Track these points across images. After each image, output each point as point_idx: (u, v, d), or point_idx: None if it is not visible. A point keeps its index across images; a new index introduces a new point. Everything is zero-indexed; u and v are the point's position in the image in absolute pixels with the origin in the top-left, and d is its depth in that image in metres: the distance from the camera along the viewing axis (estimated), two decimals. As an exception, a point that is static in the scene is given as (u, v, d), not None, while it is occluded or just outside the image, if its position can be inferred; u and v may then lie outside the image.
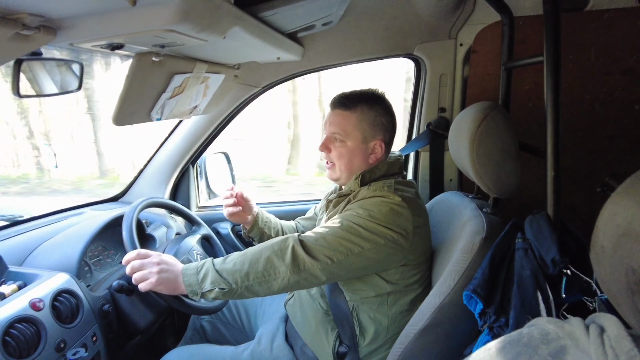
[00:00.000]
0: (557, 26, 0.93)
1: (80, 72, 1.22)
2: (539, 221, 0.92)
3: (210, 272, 1.05)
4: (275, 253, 1.04)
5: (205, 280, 1.04)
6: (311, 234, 1.08)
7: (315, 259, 1.02)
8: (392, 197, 1.09)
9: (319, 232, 1.07)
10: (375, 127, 1.19)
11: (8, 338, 0.90)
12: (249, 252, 1.07)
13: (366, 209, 1.08)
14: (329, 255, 1.03)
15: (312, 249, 1.04)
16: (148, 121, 1.25)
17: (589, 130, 1.47)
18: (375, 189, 1.14)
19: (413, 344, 1.03)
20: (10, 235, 1.33)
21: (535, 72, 1.42)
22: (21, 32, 0.67)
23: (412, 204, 1.10)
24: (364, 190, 1.16)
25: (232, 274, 1.04)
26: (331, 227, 1.07)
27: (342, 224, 1.06)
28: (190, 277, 1.05)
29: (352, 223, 1.06)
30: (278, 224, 1.50)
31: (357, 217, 1.07)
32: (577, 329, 0.49)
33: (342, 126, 1.19)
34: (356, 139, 1.19)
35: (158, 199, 1.44)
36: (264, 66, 1.64)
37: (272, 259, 1.03)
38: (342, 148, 1.20)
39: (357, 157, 1.20)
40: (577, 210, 1.43)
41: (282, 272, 1.03)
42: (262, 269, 1.03)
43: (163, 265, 1.07)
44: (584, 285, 0.82)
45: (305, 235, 1.08)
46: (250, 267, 1.04)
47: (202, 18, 0.78)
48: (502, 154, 1.02)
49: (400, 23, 1.51)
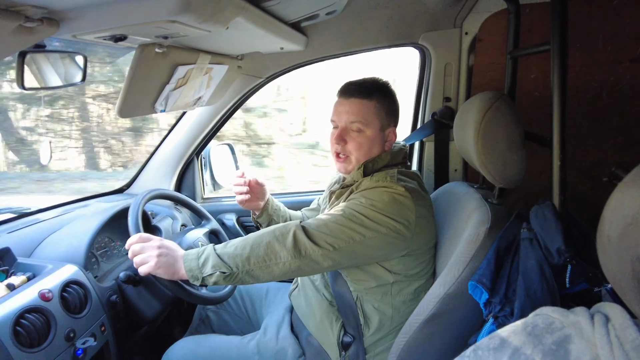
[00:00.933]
0: (564, 14, 0.92)
1: (84, 64, 1.22)
2: (545, 211, 0.92)
3: (211, 256, 1.05)
4: (276, 238, 1.05)
5: (206, 264, 1.05)
6: (314, 221, 1.08)
7: (316, 245, 1.03)
8: (394, 187, 1.09)
9: (322, 219, 1.08)
10: (390, 114, 1.20)
11: (19, 328, 0.91)
12: (250, 237, 1.08)
13: (369, 198, 1.08)
14: (330, 242, 1.03)
15: (314, 235, 1.04)
16: (152, 113, 1.26)
17: (596, 119, 1.45)
18: (378, 179, 1.13)
19: (418, 334, 1.04)
20: (18, 227, 1.34)
21: (541, 61, 1.41)
22: (24, 25, 0.67)
23: (414, 193, 1.10)
24: (366, 180, 1.16)
25: (233, 258, 1.04)
26: (334, 215, 1.07)
27: (344, 212, 1.06)
28: (190, 262, 1.06)
29: (355, 211, 1.06)
30: (287, 212, 1.51)
31: (360, 205, 1.07)
32: (582, 318, 0.49)
33: (363, 114, 1.17)
34: (375, 127, 1.18)
35: (163, 191, 1.45)
36: (268, 57, 1.64)
37: (274, 244, 1.04)
38: (361, 137, 1.18)
39: (376, 146, 1.20)
40: (583, 200, 1.42)
41: (283, 257, 1.03)
42: (264, 253, 1.04)
43: (163, 249, 1.07)
44: (589, 275, 0.82)
45: (307, 222, 1.08)
46: (251, 251, 1.04)
47: (205, 8, 0.78)
48: (508, 144, 1.01)
49: (405, 12, 1.50)
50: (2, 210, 1.45)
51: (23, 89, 1.06)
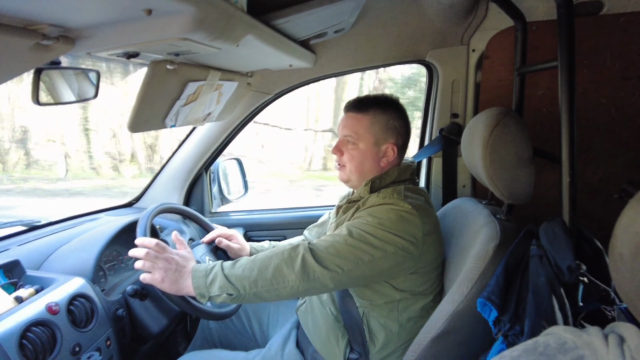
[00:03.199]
0: (571, 31, 0.92)
1: (97, 80, 1.25)
2: (554, 228, 0.91)
3: (219, 276, 1.05)
4: (284, 261, 1.03)
5: (214, 284, 1.04)
6: (321, 242, 1.07)
7: (325, 268, 1.02)
8: (401, 205, 1.08)
9: (329, 240, 1.07)
10: (388, 130, 1.20)
11: (25, 341, 0.91)
12: (258, 258, 1.07)
13: (375, 216, 1.07)
14: (339, 264, 1.02)
15: (322, 258, 1.03)
16: (162, 128, 1.28)
17: (605, 136, 1.44)
18: (385, 196, 1.13)
19: (426, 352, 1.02)
20: (28, 240, 1.36)
21: (549, 77, 1.41)
22: (41, 42, 0.69)
23: (421, 210, 1.09)
24: (373, 197, 1.16)
25: (241, 280, 1.03)
26: (341, 235, 1.06)
27: (351, 232, 1.06)
28: (198, 280, 1.06)
29: (362, 231, 1.05)
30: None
31: (367, 225, 1.06)
32: (596, 339, 0.48)
33: (355, 128, 1.20)
34: (368, 142, 1.19)
35: (172, 205, 1.45)
36: (277, 73, 1.66)
37: (282, 267, 1.03)
38: (354, 150, 1.21)
39: (369, 159, 1.21)
40: (593, 217, 1.40)
41: (291, 281, 1.02)
42: (271, 276, 1.03)
43: (172, 265, 1.08)
44: (602, 294, 0.81)
45: (315, 244, 1.07)
46: (259, 274, 1.03)
47: (216, 26, 0.80)
48: (516, 160, 1.01)
49: (412, 29, 1.52)
50: (13, 222, 1.46)
51: (38, 104, 1.08)
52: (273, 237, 1.88)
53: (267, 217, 1.98)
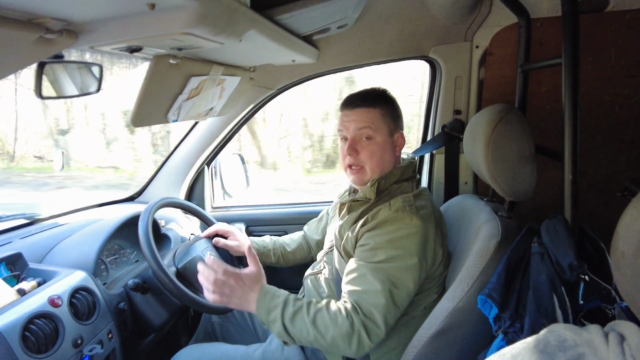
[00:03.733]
0: (576, 28, 0.92)
1: (99, 74, 1.25)
2: (556, 225, 0.90)
3: (278, 324, 1.06)
4: (342, 336, 1.02)
5: (273, 326, 1.07)
6: (375, 311, 1.03)
7: (378, 337, 1.04)
8: (414, 222, 1.08)
9: (382, 305, 1.03)
10: (395, 119, 1.23)
11: (27, 333, 0.92)
12: (317, 321, 1.05)
13: (399, 247, 1.06)
14: (389, 322, 1.04)
15: (378, 335, 1.04)
16: (165, 122, 1.27)
17: (608, 134, 1.44)
18: (397, 209, 1.11)
19: (426, 348, 1.03)
20: (30, 233, 1.36)
21: (553, 74, 1.40)
22: (45, 36, 0.69)
23: (431, 223, 1.11)
24: (384, 209, 1.12)
25: (298, 337, 1.06)
26: (387, 295, 1.04)
27: (395, 285, 1.05)
28: (261, 314, 1.08)
29: (397, 277, 1.05)
30: (277, 248, 1.55)
31: (397, 267, 1.06)
32: (596, 337, 0.48)
33: (371, 120, 1.19)
34: (384, 133, 1.20)
35: (173, 199, 1.46)
36: (279, 69, 1.66)
37: (337, 341, 1.03)
38: (372, 145, 1.19)
39: (387, 151, 1.21)
40: (595, 215, 1.40)
41: (344, 351, 1.05)
42: (327, 344, 1.04)
43: (238, 292, 1.11)
44: (602, 292, 0.81)
45: (371, 317, 1.03)
46: (315, 340, 1.04)
47: (219, 21, 0.80)
48: (518, 157, 1.01)
49: (416, 25, 1.51)
50: (16, 216, 1.47)
51: (41, 98, 1.09)
52: (274, 232, 1.88)
53: (268, 212, 1.98)
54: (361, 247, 1.11)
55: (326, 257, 1.34)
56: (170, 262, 1.30)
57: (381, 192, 1.19)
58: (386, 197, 1.18)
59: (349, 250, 1.17)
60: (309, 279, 1.37)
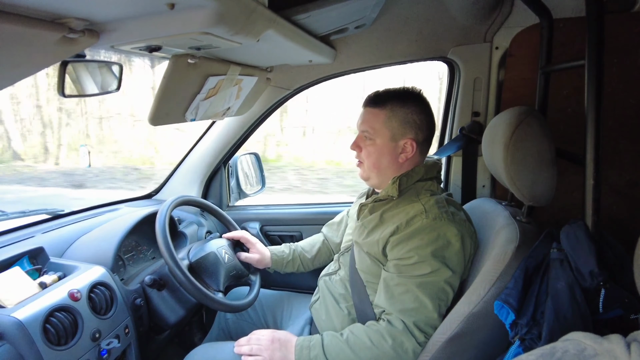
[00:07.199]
0: (600, 28, 0.89)
1: (119, 73, 1.27)
2: (576, 231, 0.88)
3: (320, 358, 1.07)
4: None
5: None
6: (427, 329, 1.06)
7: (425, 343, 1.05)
8: (453, 230, 1.07)
9: (433, 320, 1.06)
10: (406, 124, 1.17)
11: (48, 326, 0.94)
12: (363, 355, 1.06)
13: (441, 258, 1.06)
14: (432, 325, 1.06)
15: (423, 343, 1.05)
16: (183, 121, 1.29)
17: (633, 138, 1.39)
18: (435, 217, 1.09)
19: (440, 353, 1.01)
20: (52, 228, 1.40)
21: (575, 76, 1.37)
22: (68, 36, 0.71)
23: (469, 232, 1.11)
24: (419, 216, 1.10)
25: None
26: (437, 309, 1.06)
27: (441, 298, 1.07)
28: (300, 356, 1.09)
29: (444, 290, 1.07)
30: (297, 257, 1.55)
31: (445, 281, 1.06)
32: (617, 347, 0.46)
33: (371, 123, 1.18)
34: (384, 137, 1.17)
35: (190, 197, 1.47)
36: (296, 69, 1.66)
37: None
38: (371, 146, 1.19)
39: (386, 155, 1.19)
40: (617, 222, 1.36)
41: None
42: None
43: (276, 344, 1.13)
44: (624, 301, 0.78)
45: (422, 332, 1.05)
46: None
47: (237, 21, 0.80)
48: (538, 161, 0.98)
49: (434, 26, 1.49)
50: (38, 211, 1.51)
51: (63, 96, 1.11)
52: (289, 232, 1.89)
53: (284, 212, 1.99)
54: (400, 260, 1.09)
55: (342, 258, 1.34)
56: (185, 256, 1.31)
57: (403, 190, 1.18)
58: (411, 194, 1.17)
59: (374, 253, 1.16)
60: (323, 279, 1.37)
